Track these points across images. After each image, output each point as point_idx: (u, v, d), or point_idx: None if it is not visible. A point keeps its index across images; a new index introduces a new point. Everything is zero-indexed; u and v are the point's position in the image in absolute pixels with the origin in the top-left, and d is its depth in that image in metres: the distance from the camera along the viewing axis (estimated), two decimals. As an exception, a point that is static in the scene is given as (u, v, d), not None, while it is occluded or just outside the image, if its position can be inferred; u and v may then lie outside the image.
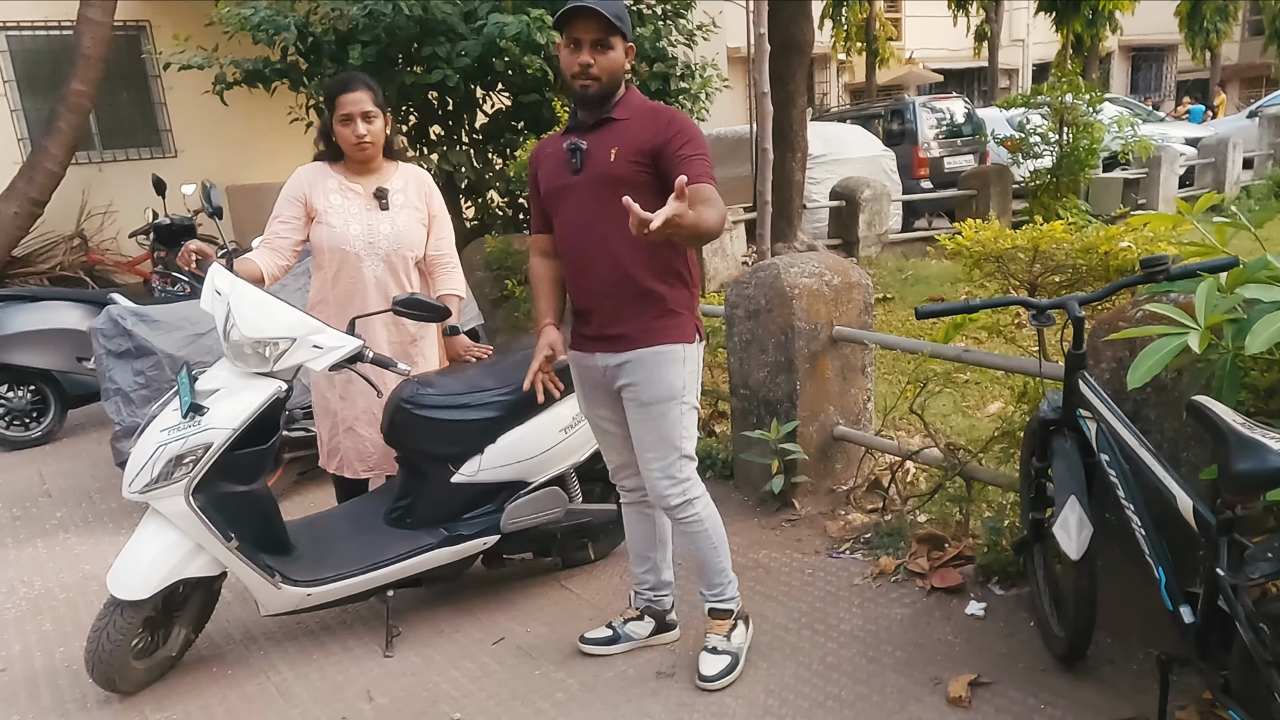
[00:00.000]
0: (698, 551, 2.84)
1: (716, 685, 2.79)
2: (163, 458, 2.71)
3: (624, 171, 2.58)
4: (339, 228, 3.23)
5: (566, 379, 3.26)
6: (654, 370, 2.66)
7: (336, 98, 3.17)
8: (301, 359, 2.79)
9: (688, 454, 2.75)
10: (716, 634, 2.88)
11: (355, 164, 3.29)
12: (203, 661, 3.15)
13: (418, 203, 3.39)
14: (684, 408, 2.71)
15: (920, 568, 3.36)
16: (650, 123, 2.61)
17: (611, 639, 3.07)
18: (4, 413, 5.84)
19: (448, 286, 3.49)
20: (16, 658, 3.30)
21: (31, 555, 4.18)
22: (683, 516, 2.78)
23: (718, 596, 2.89)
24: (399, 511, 3.24)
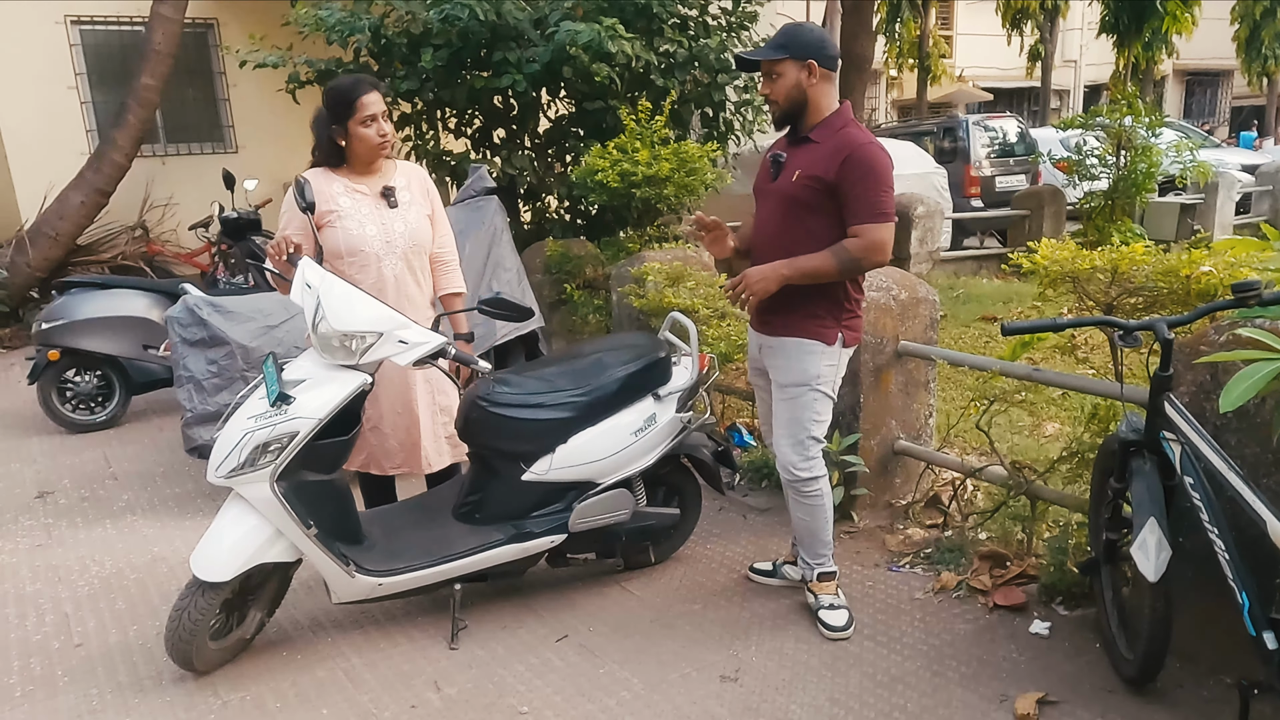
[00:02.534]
0: (811, 521, 3.17)
1: (846, 634, 3.11)
2: (249, 444, 2.78)
3: (800, 193, 2.92)
4: (355, 229, 3.20)
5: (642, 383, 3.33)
6: (793, 358, 3.02)
7: (354, 101, 3.12)
8: (387, 353, 2.85)
9: (816, 436, 3.09)
10: (828, 593, 3.21)
11: (360, 165, 3.25)
12: (272, 645, 3.22)
13: (421, 199, 3.39)
14: (817, 394, 3.05)
15: (982, 584, 3.36)
16: (832, 154, 2.86)
17: (770, 573, 3.51)
18: (71, 396, 5.98)
19: (453, 285, 3.51)
20: (92, 634, 3.38)
21: (101, 535, 4.29)
22: (806, 489, 3.12)
23: (822, 563, 3.23)
24: (468, 506, 3.30)
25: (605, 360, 3.32)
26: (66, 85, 9.77)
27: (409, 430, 3.39)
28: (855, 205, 2.83)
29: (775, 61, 2.90)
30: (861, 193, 2.82)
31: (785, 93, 2.92)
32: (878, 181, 2.83)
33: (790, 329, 3.02)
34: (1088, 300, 3.24)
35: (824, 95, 2.94)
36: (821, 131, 2.93)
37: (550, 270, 5.87)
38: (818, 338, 3.00)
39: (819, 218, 2.91)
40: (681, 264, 4.74)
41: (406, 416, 3.38)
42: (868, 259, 2.87)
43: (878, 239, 2.84)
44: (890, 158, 2.90)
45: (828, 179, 2.85)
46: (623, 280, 5.19)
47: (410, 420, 3.37)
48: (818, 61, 2.89)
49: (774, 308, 3.02)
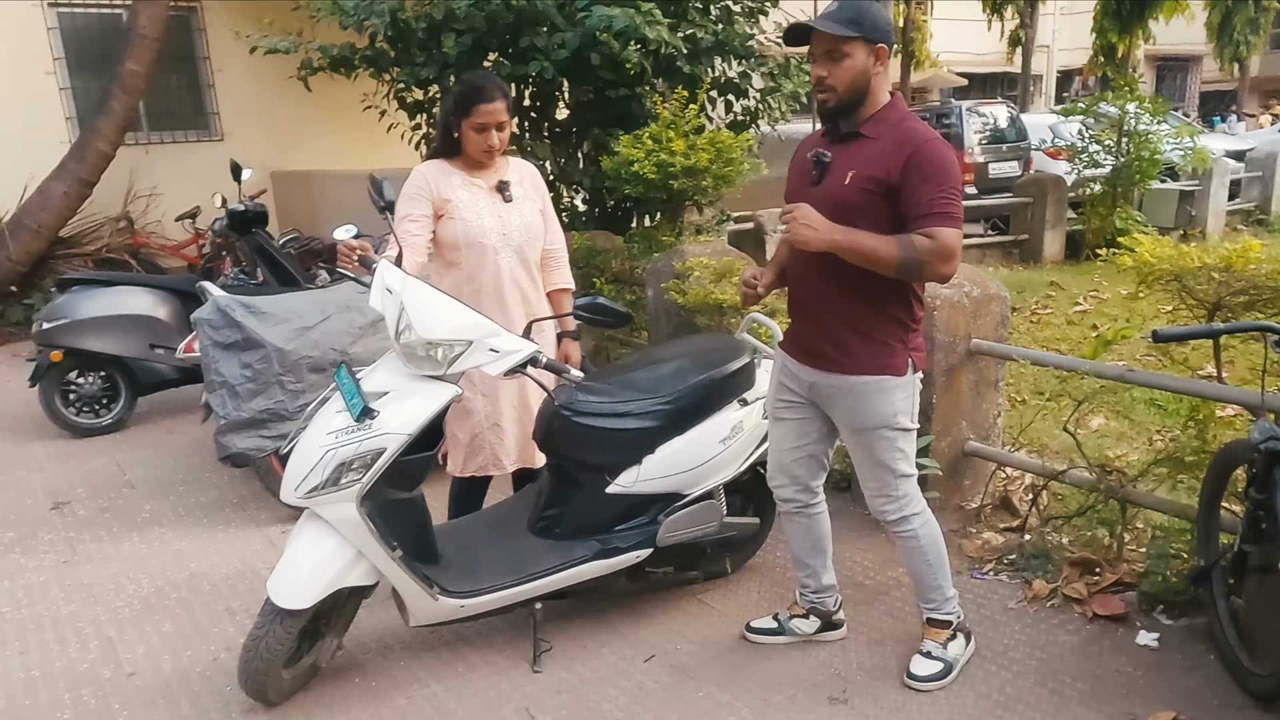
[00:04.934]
0: (912, 566, 2.84)
1: (925, 686, 2.79)
2: (331, 462, 2.59)
3: (855, 197, 2.48)
4: (473, 222, 3.15)
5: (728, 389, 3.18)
6: (860, 399, 2.63)
7: (474, 105, 3.07)
8: (477, 362, 2.67)
9: (904, 473, 2.72)
10: (932, 640, 2.87)
11: (474, 161, 3.21)
12: (341, 671, 3.04)
13: (534, 194, 3.35)
14: (896, 432, 2.67)
15: (1078, 593, 3.25)
16: (893, 150, 2.46)
17: (776, 630, 3.11)
18: (74, 399, 5.71)
19: (562, 282, 3.44)
20: (143, 660, 3.18)
21: (130, 550, 4.06)
22: (899, 530, 2.78)
23: (934, 609, 2.88)
24: (547, 521, 3.13)
25: (689, 365, 3.15)
26: (45, 71, 9.37)
27: (524, 425, 3.26)
28: (924, 206, 2.40)
29: (844, 40, 2.42)
30: (931, 193, 2.40)
31: (849, 80, 2.45)
32: (946, 180, 2.42)
33: (853, 365, 2.60)
34: (1188, 298, 3.13)
35: (881, 87, 2.52)
36: (876, 126, 2.51)
37: (577, 264, 5.67)
38: (889, 371, 2.59)
39: (875, 226, 2.45)
40: (731, 259, 4.58)
41: (522, 410, 3.27)
42: (932, 265, 2.41)
43: (950, 244, 2.39)
44: (956, 158, 2.53)
45: (889, 180, 2.43)
46: (660, 275, 5.02)
47: (525, 414, 3.26)
48: (888, 46, 2.49)
49: (826, 335, 2.62)
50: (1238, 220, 12.14)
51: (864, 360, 2.59)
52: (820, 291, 2.63)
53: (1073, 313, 7.71)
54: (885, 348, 2.59)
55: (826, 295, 2.61)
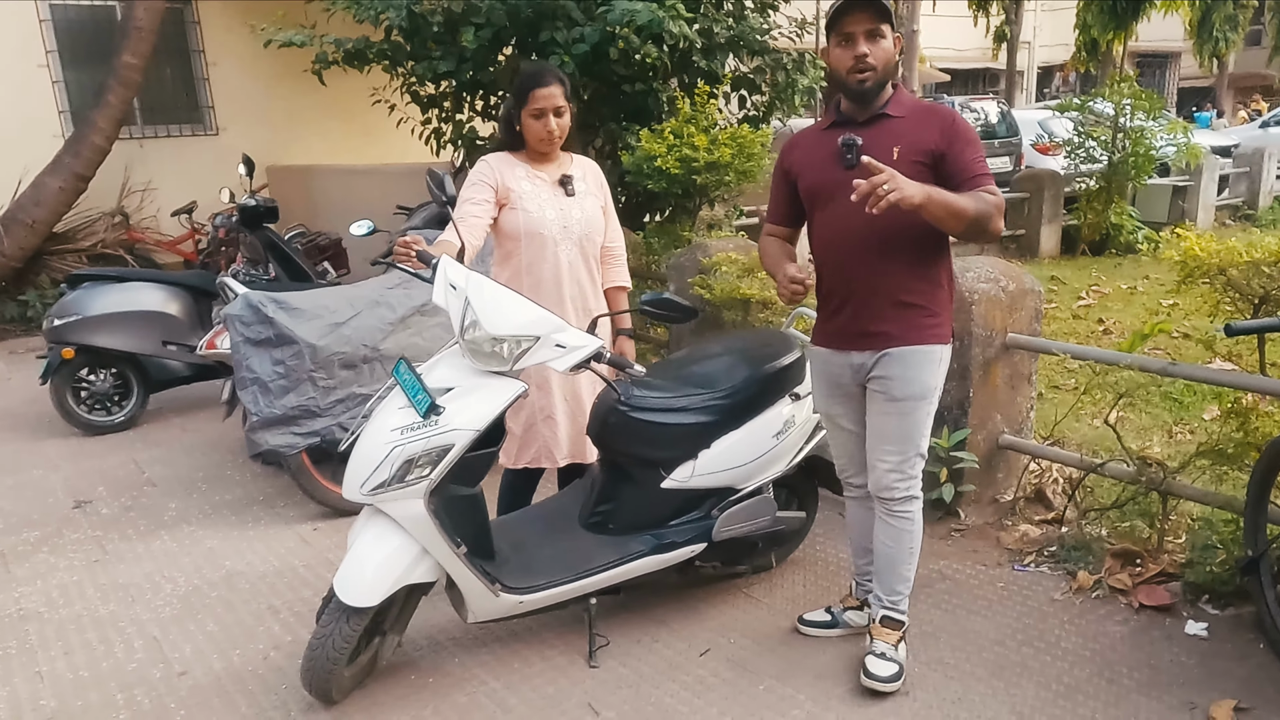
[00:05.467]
0: (895, 550, 2.82)
1: (887, 687, 2.76)
2: (398, 459, 2.58)
3: (906, 171, 2.46)
4: (535, 213, 3.16)
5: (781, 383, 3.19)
6: (912, 369, 2.67)
7: (529, 91, 3.09)
8: (543, 358, 2.66)
9: (922, 452, 2.77)
10: (885, 641, 2.84)
11: (537, 153, 3.23)
12: (395, 670, 3.02)
13: (596, 191, 3.37)
14: (930, 407, 2.73)
15: (1123, 584, 3.29)
16: (932, 123, 2.57)
17: (829, 623, 3.13)
18: (86, 396, 5.64)
19: (620, 280, 3.46)
20: (192, 660, 3.15)
21: (161, 549, 4.02)
22: (900, 510, 2.79)
23: (895, 605, 2.87)
24: (600, 516, 3.12)
25: (742, 360, 3.16)
26: (37, 64, 9.24)
27: (575, 418, 3.26)
28: (974, 167, 2.52)
29: (883, 22, 2.53)
30: (975, 155, 2.54)
31: (886, 59, 2.55)
32: (980, 147, 2.59)
33: (913, 336, 2.65)
34: (1230, 291, 3.17)
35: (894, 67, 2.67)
36: (898, 106, 2.61)
37: (595, 259, 5.66)
38: (940, 339, 2.69)
39: None
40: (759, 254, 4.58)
41: (574, 404, 3.26)
42: (995, 220, 2.51)
43: (1001, 201, 2.54)
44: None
45: (937, 149, 2.53)
46: (683, 270, 5.03)
47: (577, 408, 3.26)
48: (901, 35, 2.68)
49: (884, 316, 2.64)
50: (1226, 215, 12.30)
51: (920, 330, 2.65)
52: (869, 272, 2.65)
53: (1076, 307, 7.78)
54: (936, 316, 2.67)
55: (876, 274, 2.64)
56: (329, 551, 3.93)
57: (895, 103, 2.61)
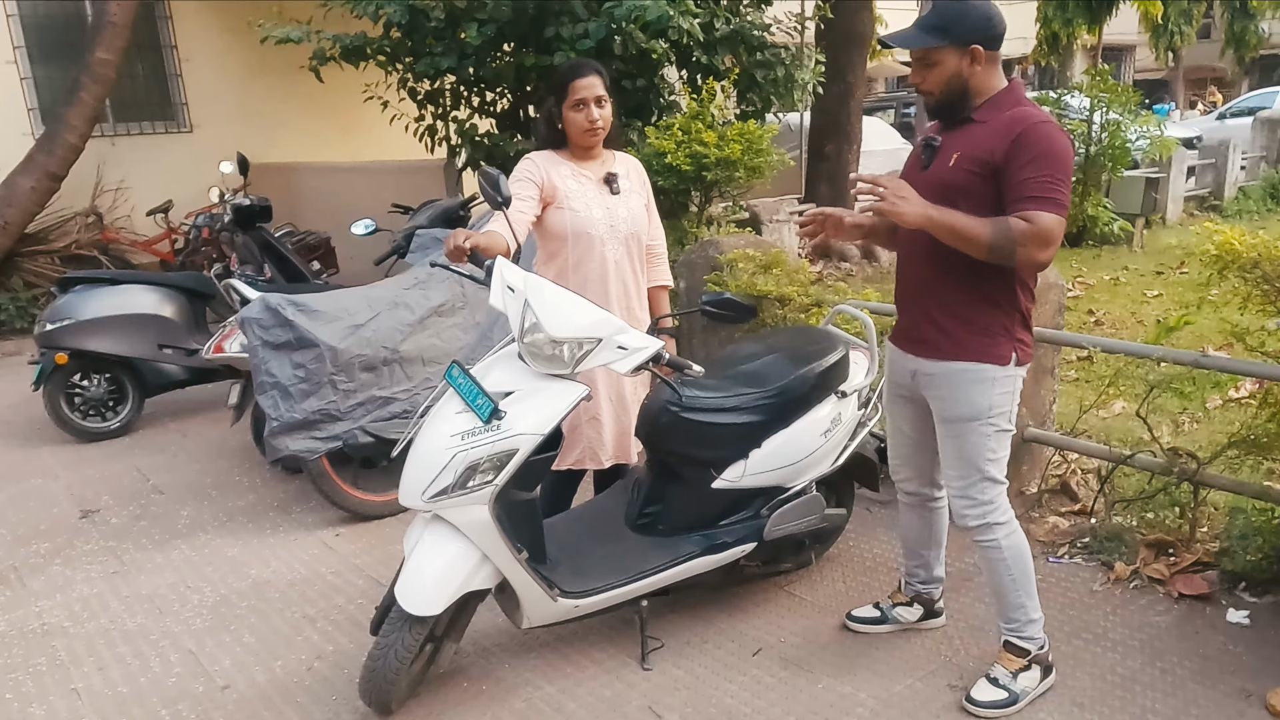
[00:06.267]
0: (993, 578, 2.72)
1: (980, 712, 2.67)
2: (460, 465, 2.54)
3: (958, 179, 2.48)
4: (582, 212, 3.12)
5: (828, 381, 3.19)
6: (958, 388, 2.59)
7: (569, 83, 3.06)
8: (605, 360, 2.63)
9: (992, 476, 2.63)
10: (1003, 666, 2.73)
11: (580, 150, 3.18)
12: (447, 678, 2.97)
13: (640, 189, 3.34)
14: (990, 429, 2.59)
15: (1159, 574, 3.34)
16: (1000, 132, 2.43)
17: (879, 619, 3.12)
18: (80, 403, 5.50)
19: (663, 279, 3.44)
20: (233, 672, 3.08)
21: (181, 558, 3.93)
22: (981, 539, 2.68)
23: (1014, 631, 2.74)
24: (648, 518, 3.11)
25: (788, 358, 3.15)
26: (4, 60, 8.97)
27: (619, 419, 3.23)
28: (1024, 187, 2.36)
29: (931, 50, 2.46)
30: (1034, 174, 2.35)
31: (941, 84, 2.48)
32: (1053, 164, 2.36)
33: (954, 351, 2.57)
34: (1264, 284, 3.22)
35: (988, 79, 2.49)
36: (987, 111, 2.48)
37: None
38: (989, 359, 2.54)
39: (979, 209, 2.42)
40: (778, 251, 4.59)
41: (618, 404, 3.23)
42: (1027, 250, 2.34)
43: (1046, 229, 2.33)
44: (1069, 144, 2.46)
45: (993, 161, 2.41)
46: (694, 267, 5.00)
47: (621, 408, 3.22)
48: (984, 45, 2.43)
49: (930, 321, 2.60)
50: (1194, 206, 12.54)
51: (963, 346, 2.55)
52: (923, 276, 2.62)
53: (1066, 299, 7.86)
54: (986, 335, 2.54)
55: (929, 280, 2.60)
56: (355, 557, 3.87)
57: (989, 107, 2.49)
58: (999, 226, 2.36)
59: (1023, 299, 2.58)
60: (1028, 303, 2.60)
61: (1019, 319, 2.59)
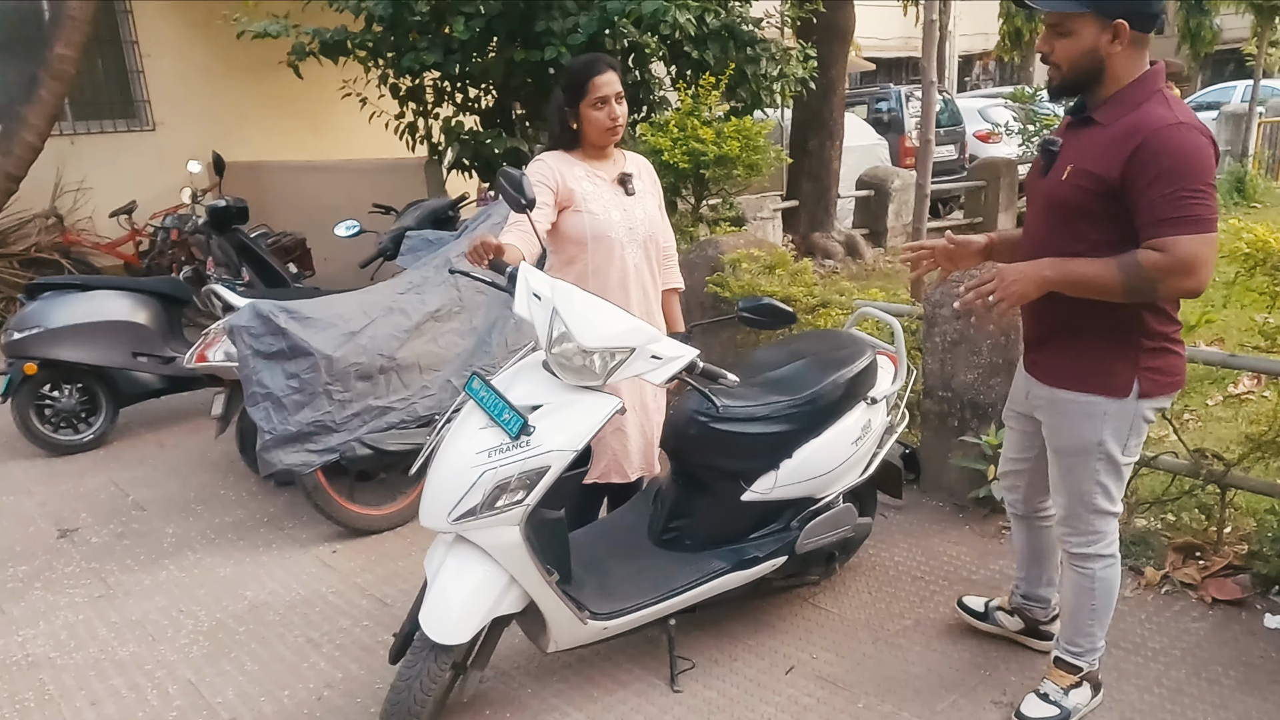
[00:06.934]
0: (1075, 602, 2.57)
1: None
2: (489, 484, 2.39)
3: (1071, 196, 2.23)
4: (601, 215, 2.98)
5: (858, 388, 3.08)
6: (1065, 418, 2.40)
7: (588, 81, 2.92)
8: (638, 370, 2.49)
9: (1099, 509, 2.43)
10: (1054, 682, 2.62)
11: (594, 150, 3.05)
12: (467, 704, 2.82)
13: (652, 189, 3.22)
14: (1099, 464, 2.38)
15: (1190, 578, 3.28)
16: (1118, 141, 2.13)
17: (981, 615, 3.04)
18: (51, 414, 5.25)
19: (675, 281, 3.32)
20: (237, 703, 2.91)
21: (171, 581, 3.74)
22: (1076, 564, 2.53)
23: (1074, 653, 2.61)
24: (674, 533, 2.98)
25: (817, 364, 3.04)
26: (-45, 56, 8.62)
27: (643, 429, 3.10)
28: (1152, 210, 2.08)
29: (1069, 16, 2.15)
30: (1162, 192, 2.06)
31: (1072, 58, 2.17)
32: (1184, 175, 2.05)
33: (1065, 377, 2.36)
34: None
35: (1127, 64, 2.17)
36: (1110, 110, 2.18)
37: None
38: (1102, 391, 2.30)
39: (1102, 229, 2.18)
40: (782, 251, 4.49)
41: (642, 414, 3.10)
42: (1168, 281, 2.08)
43: (1186, 256, 2.05)
44: (1209, 148, 2.11)
45: (1108, 178, 2.13)
46: (693, 268, 4.88)
47: (645, 418, 3.09)
48: (1130, 22, 2.12)
49: (1042, 341, 2.41)
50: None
51: (1072, 375, 2.35)
52: (1040, 303, 2.30)
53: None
54: (1101, 364, 2.30)
55: (1045, 300, 2.27)
56: (355, 575, 3.70)
57: (1112, 104, 2.19)
58: (1126, 268, 2.10)
59: (1152, 323, 2.27)
60: (1161, 326, 2.29)
61: (1149, 346, 2.29)
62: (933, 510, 4.00)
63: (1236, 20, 23.62)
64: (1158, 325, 2.28)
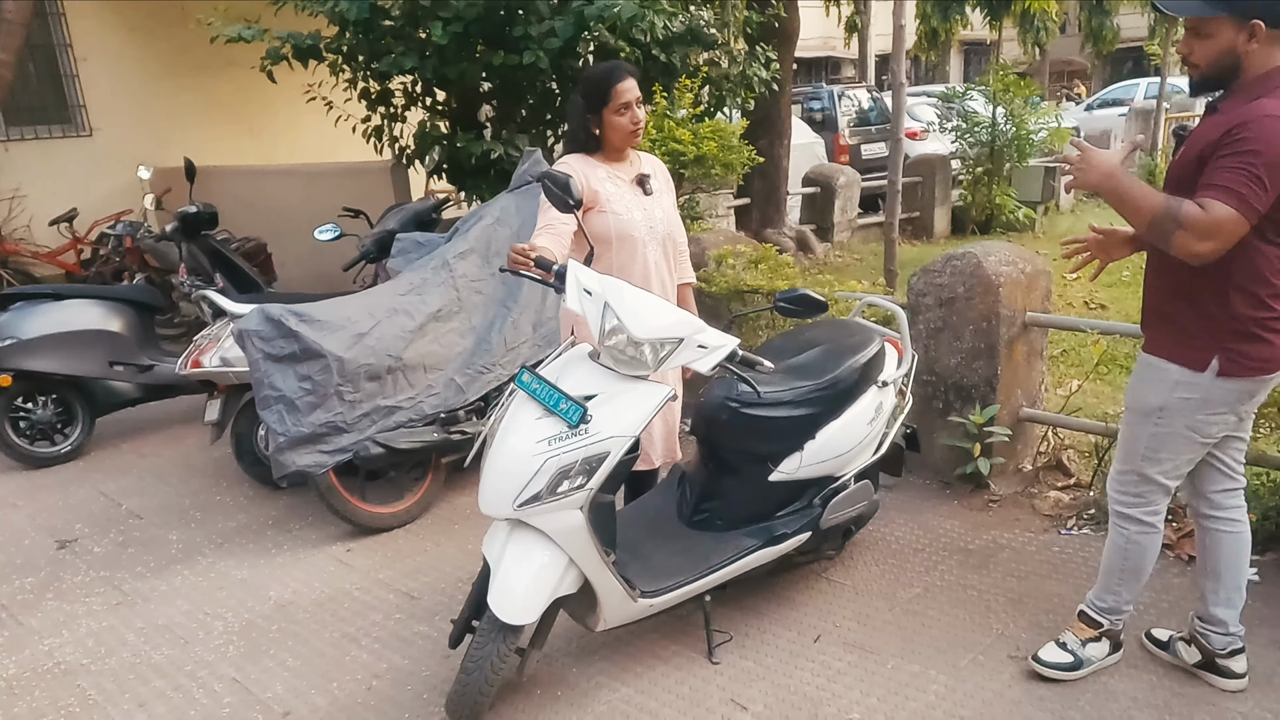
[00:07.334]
0: (1109, 560, 2.76)
1: (1047, 671, 2.79)
2: (551, 470, 2.52)
3: (1184, 173, 2.39)
4: (624, 214, 3.12)
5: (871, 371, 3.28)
6: (1140, 379, 2.59)
7: (610, 88, 3.06)
8: (686, 360, 2.65)
9: (1146, 475, 2.59)
10: (1074, 634, 2.84)
11: (614, 152, 3.19)
12: (518, 686, 2.93)
13: (666, 189, 3.38)
14: (1156, 429, 2.52)
15: (1168, 539, 3.54)
16: (1228, 124, 2.28)
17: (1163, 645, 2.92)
18: (26, 427, 5.16)
19: (686, 276, 3.47)
20: (289, 699, 2.97)
21: (188, 585, 3.75)
22: (1118, 523, 2.71)
23: (1097, 607, 2.82)
24: (706, 514, 3.15)
25: (834, 350, 3.23)
26: (-118, 61, 8.28)
27: (666, 418, 3.23)
28: (1214, 174, 2.23)
29: (1207, 20, 2.29)
30: (1231, 162, 2.21)
31: (1210, 58, 2.32)
32: (1259, 158, 2.18)
33: (1154, 345, 2.53)
34: None
35: (1265, 58, 2.28)
36: (1233, 100, 2.32)
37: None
38: (1177, 360, 2.45)
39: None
40: (768, 247, 4.68)
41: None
42: (1183, 237, 2.23)
43: (1215, 220, 2.20)
44: None
45: (1205, 153, 2.29)
46: (676, 264, 5.05)
47: (667, 407, 3.19)
48: (1267, 21, 2.23)
49: (1148, 315, 2.58)
50: (1082, 194, 13.26)
51: (1159, 342, 2.53)
52: (1149, 272, 2.58)
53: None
54: (1183, 334, 2.45)
55: (1149, 276, 2.57)
56: (376, 572, 3.77)
57: (1238, 94, 2.33)
58: (1169, 206, 2.26)
59: (1240, 305, 2.36)
60: (1251, 310, 2.36)
61: (1233, 326, 2.38)
62: (921, 488, 4.24)
63: (1135, 20, 24.81)
64: (1247, 309, 2.36)
